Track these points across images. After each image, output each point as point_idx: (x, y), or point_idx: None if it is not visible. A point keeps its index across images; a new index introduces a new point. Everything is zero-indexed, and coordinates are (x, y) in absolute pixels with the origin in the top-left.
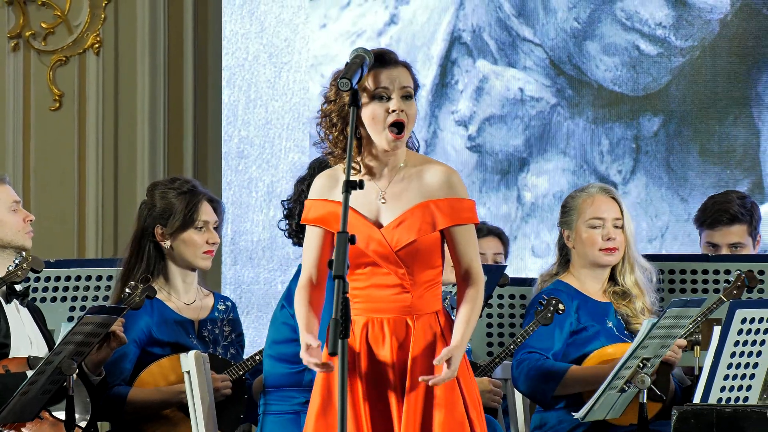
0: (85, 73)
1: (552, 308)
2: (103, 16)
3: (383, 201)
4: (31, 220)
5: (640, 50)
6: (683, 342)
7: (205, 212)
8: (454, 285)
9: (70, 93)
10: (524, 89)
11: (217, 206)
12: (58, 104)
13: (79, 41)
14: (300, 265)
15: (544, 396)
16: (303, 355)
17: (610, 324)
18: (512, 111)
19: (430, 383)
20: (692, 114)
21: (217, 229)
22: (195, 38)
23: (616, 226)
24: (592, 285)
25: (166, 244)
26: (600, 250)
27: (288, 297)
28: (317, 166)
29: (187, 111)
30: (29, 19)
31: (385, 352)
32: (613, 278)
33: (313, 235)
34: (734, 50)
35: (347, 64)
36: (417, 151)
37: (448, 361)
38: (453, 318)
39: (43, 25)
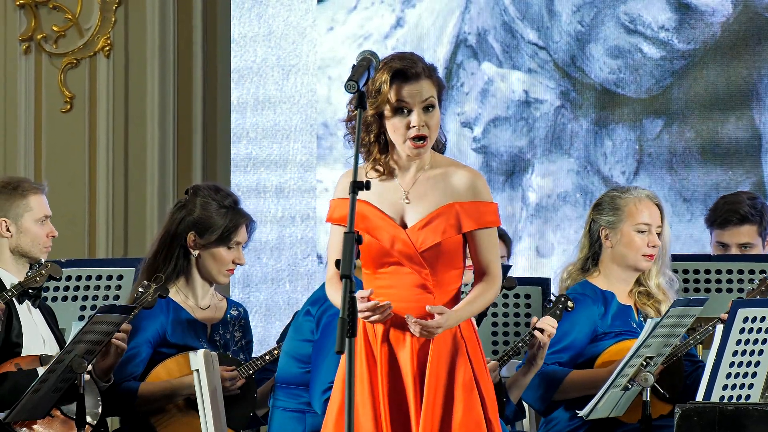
0: (95, 75)
1: (561, 305)
2: (113, 19)
3: (407, 201)
4: (53, 236)
5: (642, 53)
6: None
7: (242, 234)
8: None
9: (81, 95)
10: (529, 91)
11: (250, 227)
12: (69, 106)
13: (90, 44)
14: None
15: (542, 402)
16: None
17: (634, 325)
18: (517, 113)
19: (412, 321)
20: (694, 116)
21: (243, 247)
22: (204, 41)
23: (657, 233)
24: (619, 286)
25: (195, 252)
26: (643, 255)
27: (315, 300)
28: None
29: (196, 113)
30: (41, 22)
31: (406, 352)
32: (637, 280)
33: (337, 234)
34: (735, 53)
35: (354, 66)
36: (444, 148)
37: (439, 315)
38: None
39: (55, 28)
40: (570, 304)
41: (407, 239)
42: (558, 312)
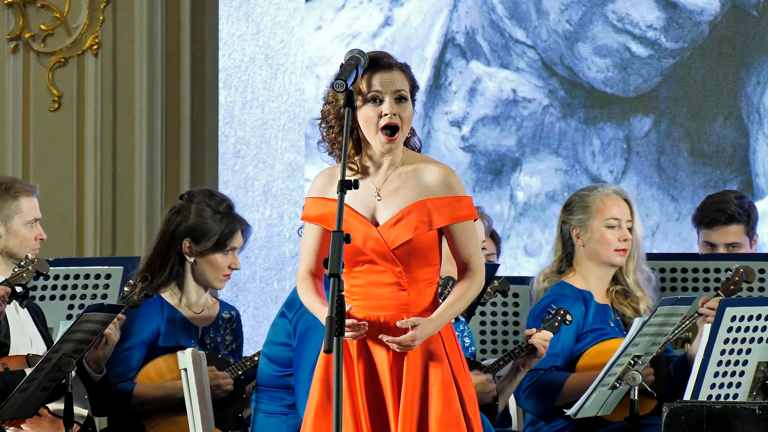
0: (83, 74)
1: (560, 318)
2: (101, 18)
3: (379, 198)
4: (42, 239)
5: (631, 52)
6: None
7: (237, 239)
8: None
9: (69, 94)
10: (517, 90)
11: (246, 232)
12: (57, 105)
13: (78, 43)
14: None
15: (546, 409)
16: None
17: (612, 324)
18: (505, 112)
19: (386, 340)
20: (682, 114)
21: (239, 251)
22: (192, 40)
23: (629, 228)
24: (596, 285)
25: (191, 259)
26: (615, 250)
27: (289, 304)
28: None
29: (184, 112)
30: (29, 21)
31: (382, 351)
32: (614, 278)
33: (311, 233)
34: (723, 52)
35: (342, 65)
36: (419, 150)
37: (413, 327)
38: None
39: (43, 27)
40: (568, 317)
41: (379, 237)
42: (556, 324)
